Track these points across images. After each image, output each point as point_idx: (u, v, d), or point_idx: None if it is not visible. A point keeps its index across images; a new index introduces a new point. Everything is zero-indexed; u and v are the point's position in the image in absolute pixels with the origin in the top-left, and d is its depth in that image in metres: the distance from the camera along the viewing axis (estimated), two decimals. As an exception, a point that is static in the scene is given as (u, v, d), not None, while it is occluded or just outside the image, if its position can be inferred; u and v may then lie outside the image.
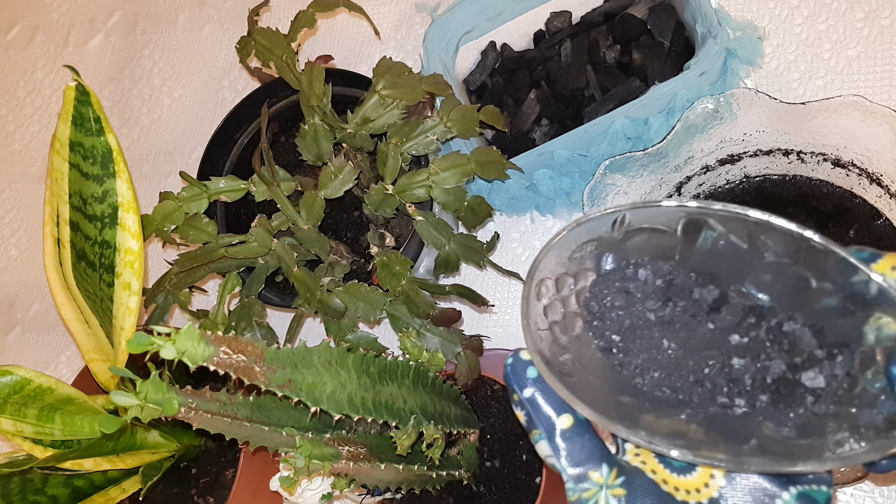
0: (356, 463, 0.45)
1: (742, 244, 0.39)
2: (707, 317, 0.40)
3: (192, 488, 0.64)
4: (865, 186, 0.60)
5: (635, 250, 0.42)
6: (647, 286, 0.41)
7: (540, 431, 0.39)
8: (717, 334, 0.39)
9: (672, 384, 0.39)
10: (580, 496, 0.37)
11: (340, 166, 0.62)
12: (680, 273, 0.41)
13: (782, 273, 0.38)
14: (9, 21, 1.05)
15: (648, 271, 0.41)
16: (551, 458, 0.38)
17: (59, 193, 0.55)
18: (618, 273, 0.42)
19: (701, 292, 0.40)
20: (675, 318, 0.40)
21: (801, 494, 0.35)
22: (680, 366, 0.39)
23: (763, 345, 0.38)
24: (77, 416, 0.54)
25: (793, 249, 0.37)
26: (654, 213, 0.40)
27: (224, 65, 0.92)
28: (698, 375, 0.39)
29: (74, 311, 0.57)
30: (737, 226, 0.38)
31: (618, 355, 0.40)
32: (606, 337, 0.41)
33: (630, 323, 0.41)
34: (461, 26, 0.73)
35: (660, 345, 0.40)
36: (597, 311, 0.41)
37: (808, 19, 0.70)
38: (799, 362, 0.37)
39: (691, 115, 0.59)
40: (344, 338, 0.59)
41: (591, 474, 0.37)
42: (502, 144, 0.72)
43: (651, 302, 0.41)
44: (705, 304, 0.40)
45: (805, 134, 0.59)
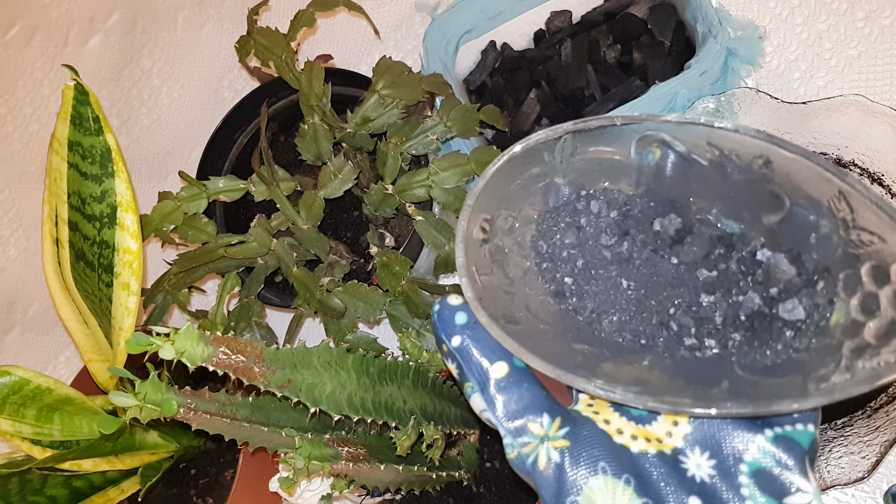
0: (356, 464, 0.45)
1: (703, 162, 0.34)
2: (670, 250, 0.35)
3: (191, 489, 0.64)
4: (866, 186, 0.60)
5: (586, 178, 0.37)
6: (601, 219, 0.37)
7: (472, 384, 0.34)
8: (683, 269, 0.35)
9: (633, 328, 0.35)
10: (519, 451, 0.33)
11: (340, 166, 0.62)
12: (637, 203, 0.36)
13: (752, 193, 0.34)
14: (8, 21, 1.05)
15: (601, 202, 0.37)
16: (486, 413, 0.34)
17: (58, 193, 0.55)
18: (567, 207, 0.37)
19: (662, 223, 0.36)
20: (634, 254, 0.36)
21: (780, 437, 0.31)
22: (642, 307, 0.35)
23: (735, 277, 0.34)
24: (76, 417, 0.54)
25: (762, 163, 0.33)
26: (601, 136, 0.35)
27: (223, 64, 0.92)
28: (663, 317, 0.35)
29: (73, 311, 0.57)
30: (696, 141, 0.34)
31: (571, 299, 0.36)
32: (558, 280, 0.36)
33: (584, 262, 0.36)
34: (461, 26, 0.73)
35: (618, 285, 0.36)
36: (545, 251, 0.37)
37: (808, 19, 0.70)
38: (775, 293, 0.33)
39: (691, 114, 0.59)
40: (343, 338, 0.59)
41: (531, 426, 0.33)
42: (502, 144, 0.72)
43: (606, 237, 0.36)
44: (667, 237, 0.36)
45: (806, 133, 0.59)
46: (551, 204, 0.37)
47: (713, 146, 0.34)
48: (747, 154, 0.33)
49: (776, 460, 0.31)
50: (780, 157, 0.32)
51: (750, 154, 0.33)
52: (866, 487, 0.59)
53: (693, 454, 0.32)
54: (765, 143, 0.32)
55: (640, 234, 0.36)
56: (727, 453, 0.31)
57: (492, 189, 0.36)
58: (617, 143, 0.35)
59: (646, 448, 0.32)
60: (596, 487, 0.31)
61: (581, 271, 0.36)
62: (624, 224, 0.36)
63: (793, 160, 0.32)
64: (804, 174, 0.32)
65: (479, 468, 0.60)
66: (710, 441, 0.32)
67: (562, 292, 0.36)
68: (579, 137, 0.35)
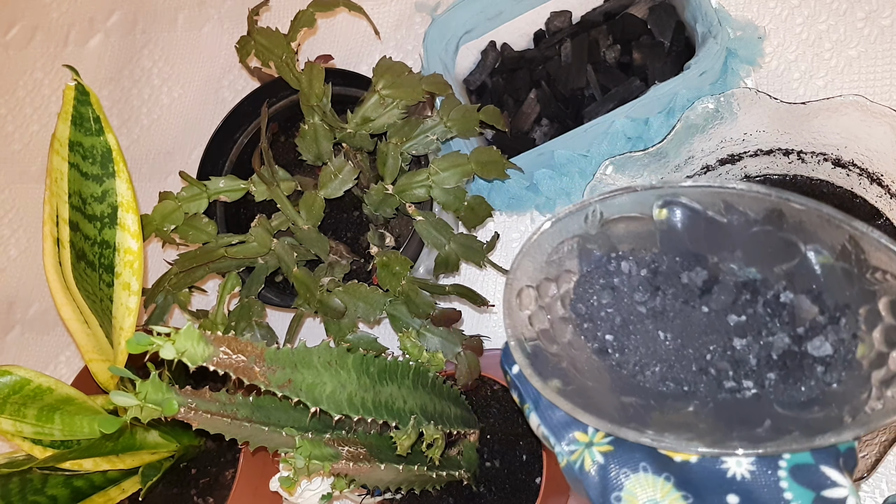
0: (356, 463, 0.45)
1: (722, 219, 0.37)
2: (700, 300, 0.38)
3: (191, 488, 0.64)
4: (866, 186, 0.60)
5: (615, 243, 0.40)
6: (633, 278, 0.39)
7: (529, 405, 0.39)
8: (714, 317, 0.37)
9: (675, 376, 0.37)
10: (568, 459, 0.37)
11: (340, 166, 0.62)
12: (664, 260, 0.39)
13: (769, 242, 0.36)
14: (8, 21, 1.05)
15: (631, 263, 0.40)
16: (541, 428, 0.38)
17: (59, 193, 0.55)
18: (600, 270, 0.40)
19: (689, 276, 0.38)
20: (668, 307, 0.38)
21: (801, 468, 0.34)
22: (680, 356, 0.38)
23: (762, 320, 0.36)
24: (76, 417, 0.54)
25: (775, 215, 0.36)
26: (625, 201, 0.38)
27: (224, 64, 0.92)
28: (701, 363, 0.37)
29: (74, 311, 0.57)
30: (713, 200, 0.37)
31: (614, 355, 0.39)
32: (599, 338, 0.39)
33: (621, 319, 0.39)
34: (461, 26, 0.73)
35: (656, 337, 0.38)
36: (585, 312, 0.40)
37: (808, 19, 0.70)
38: (802, 332, 0.35)
39: (692, 114, 0.59)
40: (344, 338, 0.59)
41: (576, 435, 0.37)
42: (502, 144, 0.72)
43: (639, 294, 0.39)
44: (696, 288, 0.38)
45: (805, 134, 0.59)
46: (585, 268, 0.40)
47: (728, 204, 0.36)
48: (760, 208, 0.36)
49: (814, 457, 0.33)
50: (791, 209, 0.35)
51: (763, 208, 0.36)
52: (866, 487, 0.59)
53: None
54: (775, 199, 0.35)
55: (670, 288, 0.39)
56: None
57: (528, 261, 0.39)
58: (640, 207, 0.38)
59: (688, 457, 0.34)
60: (638, 483, 0.33)
61: (620, 328, 0.39)
62: (654, 280, 0.39)
63: (804, 211, 0.34)
64: (815, 222, 0.34)
65: (479, 468, 0.60)
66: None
67: (604, 349, 0.39)
68: (605, 205, 0.38)
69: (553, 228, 0.39)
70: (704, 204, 0.37)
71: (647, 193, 0.38)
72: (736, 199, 0.36)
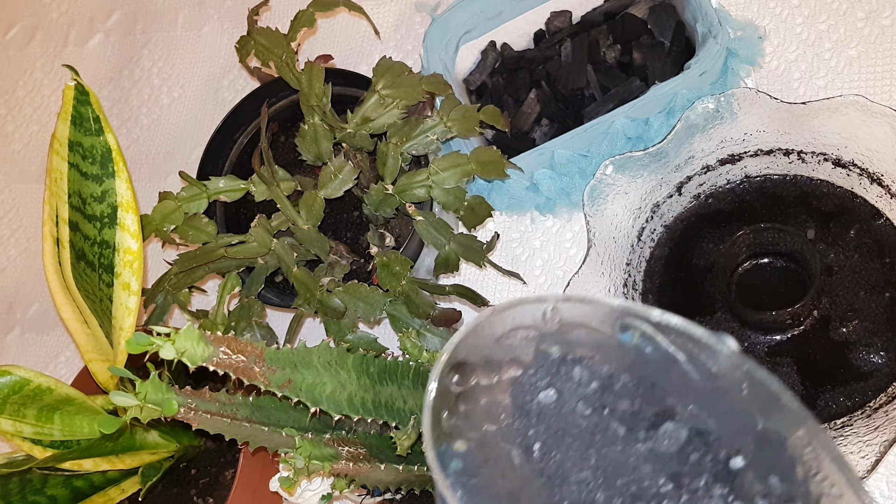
0: (356, 463, 0.45)
1: (683, 360, 0.34)
2: (645, 434, 0.35)
3: (191, 489, 0.64)
4: (866, 186, 0.60)
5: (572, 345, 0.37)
6: (582, 388, 0.36)
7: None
8: (653, 456, 0.35)
9: (591, 501, 0.35)
10: None
11: (340, 166, 0.62)
12: (620, 379, 0.36)
13: (729, 405, 0.34)
14: (8, 21, 1.05)
15: (584, 371, 0.37)
16: None
17: (59, 193, 0.55)
18: (551, 367, 0.37)
19: (641, 405, 0.35)
20: (608, 430, 0.36)
21: None
22: (604, 485, 0.35)
23: (703, 478, 0.34)
24: (76, 417, 0.54)
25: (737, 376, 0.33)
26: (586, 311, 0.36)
27: (224, 64, 0.92)
28: (624, 499, 0.34)
29: (73, 311, 0.57)
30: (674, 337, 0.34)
31: (538, 459, 0.36)
32: (530, 436, 0.36)
33: (558, 426, 0.36)
34: (461, 26, 0.73)
35: (586, 456, 0.35)
36: (522, 406, 0.37)
37: (808, 19, 0.70)
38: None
39: (692, 114, 0.59)
40: (344, 338, 0.59)
41: None
42: (502, 144, 0.72)
43: (583, 406, 0.36)
44: (645, 419, 0.35)
45: (806, 134, 0.59)
46: (537, 362, 0.37)
47: (691, 353, 0.34)
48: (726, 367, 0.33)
49: None
50: (754, 381, 0.32)
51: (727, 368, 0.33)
52: (865, 487, 0.59)
53: None
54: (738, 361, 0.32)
55: (617, 410, 0.36)
56: None
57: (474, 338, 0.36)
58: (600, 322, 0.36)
59: None
60: None
61: (553, 434, 0.36)
62: (602, 397, 0.36)
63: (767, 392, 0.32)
64: (774, 403, 0.32)
65: (479, 468, 0.60)
66: None
67: (530, 449, 0.36)
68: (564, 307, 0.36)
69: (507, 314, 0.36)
70: (668, 338, 0.34)
71: (608, 311, 0.35)
72: (698, 346, 0.34)
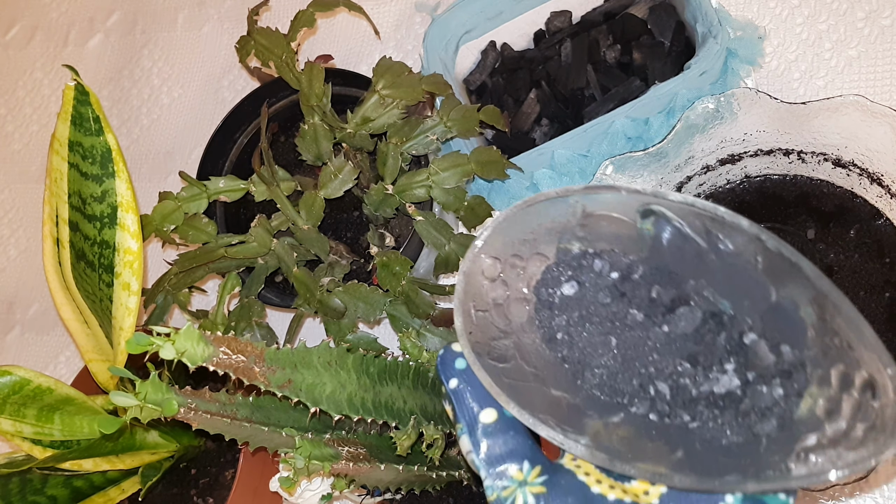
0: (356, 463, 0.45)
1: (701, 243, 0.36)
2: (662, 318, 0.37)
3: (191, 489, 0.64)
4: (866, 186, 0.60)
5: (594, 236, 0.38)
6: (602, 278, 0.38)
7: (462, 426, 0.37)
8: (671, 338, 0.36)
9: (613, 385, 0.36)
10: (499, 495, 0.35)
11: (340, 166, 0.62)
12: (639, 268, 0.38)
13: (743, 279, 0.35)
14: (8, 21, 1.05)
15: (605, 262, 0.38)
16: (471, 454, 0.36)
17: (59, 193, 0.55)
18: (572, 261, 0.39)
19: (658, 291, 0.37)
20: (628, 316, 0.37)
21: (748, 498, 0.33)
22: (626, 367, 0.36)
23: (718, 356, 0.35)
24: (76, 417, 0.54)
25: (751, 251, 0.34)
26: (609, 199, 0.37)
27: (224, 64, 0.92)
28: (643, 379, 0.36)
29: (73, 311, 0.57)
30: (694, 220, 0.35)
31: (562, 348, 0.38)
32: (553, 327, 0.38)
33: (580, 315, 0.38)
34: (461, 26, 0.73)
35: (608, 342, 0.37)
36: (546, 299, 0.39)
37: (808, 19, 0.70)
38: (751, 378, 0.34)
39: (692, 114, 0.59)
40: (344, 338, 0.59)
41: (511, 471, 0.35)
42: (502, 144, 0.72)
43: (603, 295, 0.38)
44: (662, 305, 0.37)
45: (806, 134, 0.59)
46: (559, 257, 0.39)
47: (709, 230, 0.35)
48: (739, 242, 0.35)
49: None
50: (766, 252, 0.34)
51: (741, 242, 0.34)
52: (865, 487, 0.59)
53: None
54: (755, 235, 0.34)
55: (635, 297, 0.37)
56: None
57: (500, 235, 0.38)
58: (623, 209, 0.37)
59: (622, 497, 0.33)
60: None
61: (576, 323, 0.38)
62: (622, 286, 0.38)
63: (778, 256, 0.33)
64: (786, 269, 0.33)
65: (479, 468, 0.60)
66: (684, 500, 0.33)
67: (554, 339, 0.38)
68: (588, 198, 0.37)
69: (532, 209, 0.37)
70: (687, 223, 0.36)
71: (631, 197, 0.36)
72: (717, 225, 0.35)
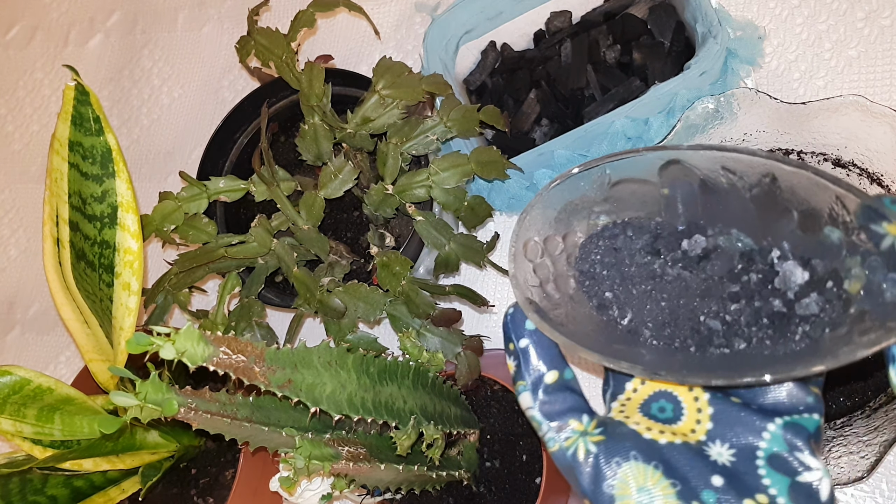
0: (356, 463, 0.45)
1: (720, 185, 0.39)
2: (698, 266, 0.40)
3: (191, 489, 0.64)
4: (866, 186, 0.60)
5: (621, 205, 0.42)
6: (636, 241, 0.41)
7: (525, 382, 0.39)
8: (710, 282, 0.39)
9: (668, 333, 0.39)
10: (560, 445, 0.38)
11: (340, 166, 0.62)
12: (666, 226, 0.41)
13: (765, 208, 0.38)
14: (8, 21, 1.05)
15: (636, 227, 0.42)
16: (532, 410, 0.39)
17: (59, 193, 0.55)
18: (606, 231, 0.42)
19: (689, 242, 0.40)
20: (666, 271, 0.40)
21: (788, 424, 0.36)
22: (675, 315, 0.39)
23: (756, 286, 0.38)
24: (76, 417, 0.54)
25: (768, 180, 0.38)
26: (632, 163, 0.40)
27: (224, 65, 0.92)
28: (694, 323, 0.39)
29: (74, 311, 0.57)
30: (711, 166, 0.39)
31: (613, 311, 0.41)
32: (600, 295, 0.41)
33: (622, 279, 0.41)
34: (461, 26, 0.73)
35: (654, 298, 0.40)
36: (588, 270, 0.42)
37: (808, 19, 0.70)
38: (792, 296, 0.38)
39: (692, 114, 0.59)
40: (344, 338, 0.59)
41: (571, 423, 0.38)
42: (502, 144, 0.72)
43: (640, 257, 0.41)
44: (694, 255, 0.40)
45: (805, 134, 0.59)
46: (592, 229, 0.42)
47: (726, 169, 0.39)
48: (755, 173, 0.38)
49: (787, 445, 0.35)
50: (783, 172, 0.37)
51: (757, 173, 0.38)
52: (865, 487, 0.59)
53: (715, 445, 0.36)
54: (768, 161, 0.37)
55: (670, 253, 0.41)
56: (745, 443, 0.36)
57: (537, 214, 0.41)
58: (645, 172, 0.40)
59: (672, 439, 0.36)
60: (629, 472, 0.35)
61: (620, 287, 0.41)
62: (655, 245, 0.41)
63: (793, 173, 0.37)
64: (805, 185, 0.36)
65: (479, 468, 0.60)
66: (729, 433, 0.36)
67: (604, 305, 0.41)
68: (613, 167, 0.40)
69: (563, 185, 0.41)
70: (704, 169, 0.39)
71: (652, 156, 0.40)
72: (733, 162, 0.38)
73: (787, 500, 0.34)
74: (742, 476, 0.35)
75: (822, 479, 0.35)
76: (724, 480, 0.35)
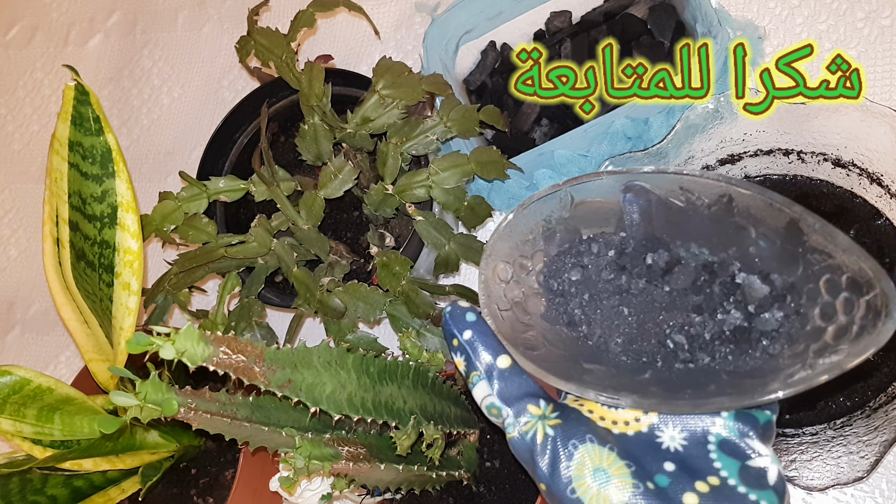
0: (356, 463, 0.45)
1: (680, 203, 0.40)
2: (662, 280, 0.41)
3: (191, 489, 0.64)
4: (866, 186, 0.60)
5: (585, 225, 0.43)
6: (601, 258, 0.42)
7: (479, 373, 0.40)
8: (674, 295, 0.40)
9: (636, 348, 0.40)
10: (520, 430, 0.38)
11: (340, 166, 0.62)
12: (630, 242, 0.42)
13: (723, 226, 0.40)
14: (8, 21, 1.05)
15: (600, 244, 0.43)
16: (490, 398, 0.40)
17: (59, 193, 0.55)
18: (572, 250, 0.43)
19: (653, 257, 0.41)
20: (632, 286, 0.41)
21: (740, 413, 0.37)
22: (642, 330, 0.40)
23: (718, 299, 0.40)
24: (76, 417, 0.54)
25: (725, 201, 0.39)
26: (594, 186, 0.41)
27: (224, 65, 0.92)
28: (660, 337, 0.40)
29: (74, 311, 0.57)
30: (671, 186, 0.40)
31: (581, 327, 0.42)
32: (569, 312, 0.42)
33: (590, 295, 0.42)
34: (461, 26, 0.73)
35: (621, 312, 0.41)
36: (556, 288, 0.43)
37: (808, 19, 0.70)
38: (752, 310, 0.39)
39: (692, 114, 0.59)
40: (344, 338, 0.59)
41: (530, 407, 0.39)
42: (502, 144, 0.72)
43: (606, 272, 0.42)
44: (658, 269, 0.41)
45: (805, 134, 0.59)
46: (558, 248, 0.43)
47: (685, 190, 0.40)
48: (712, 194, 0.39)
49: (738, 432, 0.37)
50: (738, 195, 0.39)
51: (714, 194, 0.39)
52: (865, 487, 0.59)
53: (667, 428, 0.37)
54: (724, 185, 0.39)
55: (635, 268, 0.42)
56: (697, 427, 0.37)
57: (504, 241, 0.42)
58: (607, 193, 0.42)
59: (625, 430, 0.38)
60: (585, 454, 0.36)
61: (588, 303, 0.42)
62: (620, 261, 0.42)
63: (749, 196, 0.38)
64: (760, 207, 0.38)
65: (479, 468, 0.60)
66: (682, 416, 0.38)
67: (573, 322, 0.42)
68: (575, 189, 0.42)
69: (528, 210, 0.42)
70: (663, 190, 0.40)
71: (612, 179, 0.41)
72: (691, 184, 0.40)
73: (737, 481, 0.35)
74: (694, 460, 0.36)
75: (772, 464, 0.36)
76: (675, 466, 0.36)
